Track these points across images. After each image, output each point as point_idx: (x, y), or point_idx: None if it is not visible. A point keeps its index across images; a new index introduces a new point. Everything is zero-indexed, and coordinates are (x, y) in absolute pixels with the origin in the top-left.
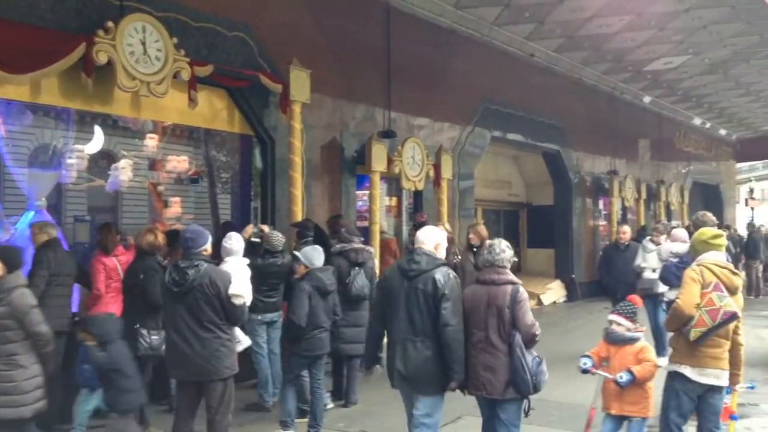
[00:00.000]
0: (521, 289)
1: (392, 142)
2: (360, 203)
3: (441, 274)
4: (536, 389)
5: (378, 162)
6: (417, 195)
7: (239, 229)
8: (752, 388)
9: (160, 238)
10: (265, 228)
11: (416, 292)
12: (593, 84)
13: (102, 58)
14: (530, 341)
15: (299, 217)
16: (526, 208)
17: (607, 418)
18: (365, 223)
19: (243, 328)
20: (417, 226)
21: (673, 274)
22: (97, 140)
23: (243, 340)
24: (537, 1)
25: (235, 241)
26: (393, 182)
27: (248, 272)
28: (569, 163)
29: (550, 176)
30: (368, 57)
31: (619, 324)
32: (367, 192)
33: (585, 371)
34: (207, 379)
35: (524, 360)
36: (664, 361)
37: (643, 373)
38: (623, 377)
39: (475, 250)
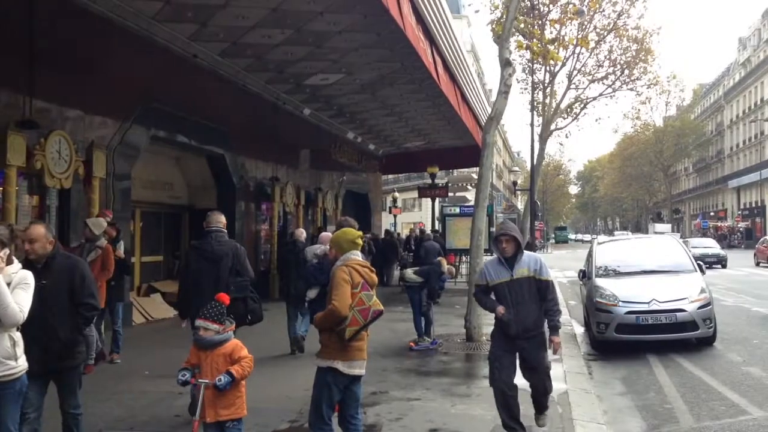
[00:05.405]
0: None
1: (34, 133)
2: None
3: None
4: None
5: (15, 155)
6: (64, 194)
7: None
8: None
9: None
10: None
11: (298, 259)
12: (258, 92)
13: None
14: None
15: None
16: (188, 211)
17: (205, 429)
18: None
19: None
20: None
21: (311, 274)
22: None
23: None
24: (200, 2)
25: None
26: (34, 179)
27: None
28: (233, 167)
29: (214, 179)
30: (7, 36)
31: (206, 329)
32: (1, 189)
33: (185, 383)
34: None
35: None
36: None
37: (242, 372)
38: (222, 380)
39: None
